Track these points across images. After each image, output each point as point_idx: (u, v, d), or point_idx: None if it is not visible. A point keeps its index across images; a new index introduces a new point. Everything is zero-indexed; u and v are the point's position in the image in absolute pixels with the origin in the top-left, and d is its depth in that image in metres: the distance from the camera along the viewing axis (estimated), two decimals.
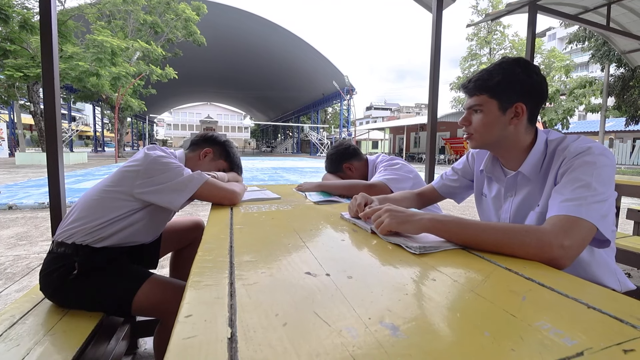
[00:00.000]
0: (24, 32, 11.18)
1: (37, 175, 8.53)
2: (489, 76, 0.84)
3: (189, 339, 0.35)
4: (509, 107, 0.83)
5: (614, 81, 13.68)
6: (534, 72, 0.82)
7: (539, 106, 0.85)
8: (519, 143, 0.86)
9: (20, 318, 0.96)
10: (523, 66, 0.82)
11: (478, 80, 0.85)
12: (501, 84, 0.82)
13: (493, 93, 0.83)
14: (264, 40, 23.88)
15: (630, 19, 3.88)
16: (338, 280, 0.52)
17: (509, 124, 0.83)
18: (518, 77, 0.82)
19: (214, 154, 1.33)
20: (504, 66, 0.83)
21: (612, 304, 0.46)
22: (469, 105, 0.88)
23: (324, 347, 0.35)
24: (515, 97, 0.82)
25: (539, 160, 0.84)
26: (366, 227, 0.81)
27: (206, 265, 0.58)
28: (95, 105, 25.42)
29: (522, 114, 0.83)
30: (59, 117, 1.47)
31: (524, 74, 0.81)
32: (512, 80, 0.82)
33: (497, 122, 0.84)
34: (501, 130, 0.85)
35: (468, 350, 0.35)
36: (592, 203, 0.67)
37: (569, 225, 0.65)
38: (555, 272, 0.58)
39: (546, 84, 0.84)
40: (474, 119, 0.87)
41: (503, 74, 0.82)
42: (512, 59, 0.84)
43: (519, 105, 0.82)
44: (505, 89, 0.82)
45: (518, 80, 0.82)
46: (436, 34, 2.12)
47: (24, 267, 2.47)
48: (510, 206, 0.91)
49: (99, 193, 1.06)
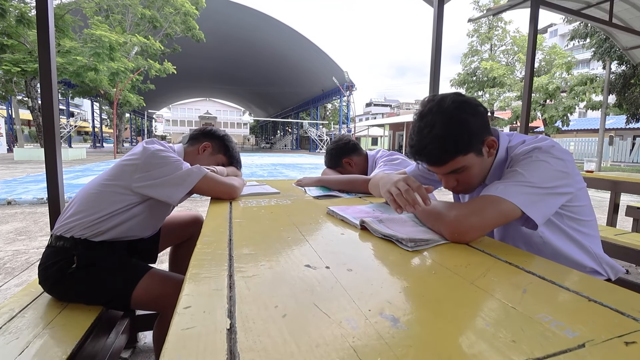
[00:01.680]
0: (21, 26, 11.07)
1: (36, 171, 8.50)
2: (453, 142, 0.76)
3: (187, 330, 0.35)
4: (482, 147, 0.81)
5: (615, 78, 13.63)
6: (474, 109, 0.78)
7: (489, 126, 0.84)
8: (490, 162, 0.87)
9: (19, 312, 0.95)
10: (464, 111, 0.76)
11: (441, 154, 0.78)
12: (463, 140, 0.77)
13: (466, 150, 0.78)
14: (264, 36, 23.72)
15: (634, 14, 3.86)
16: (338, 273, 0.52)
17: (486, 158, 0.84)
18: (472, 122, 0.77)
19: (213, 149, 1.32)
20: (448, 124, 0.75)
21: (613, 297, 0.46)
22: (447, 172, 0.82)
23: (324, 338, 0.34)
24: (482, 137, 0.80)
25: (501, 168, 0.86)
26: (355, 222, 0.80)
27: (205, 258, 0.57)
28: (94, 101, 25.26)
29: (495, 143, 0.83)
30: (56, 111, 1.46)
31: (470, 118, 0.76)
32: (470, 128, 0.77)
33: (481, 166, 0.83)
34: (485, 169, 0.86)
35: (469, 342, 0.34)
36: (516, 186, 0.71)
37: (482, 205, 0.70)
38: (556, 266, 0.57)
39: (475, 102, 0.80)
40: (459, 178, 0.84)
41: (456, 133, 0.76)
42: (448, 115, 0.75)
43: (488, 139, 0.81)
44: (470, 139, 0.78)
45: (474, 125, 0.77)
46: (437, 29, 2.10)
47: (23, 261, 2.47)
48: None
49: (97, 187, 1.06)
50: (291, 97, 35.43)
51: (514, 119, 16.76)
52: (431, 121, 0.75)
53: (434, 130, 0.75)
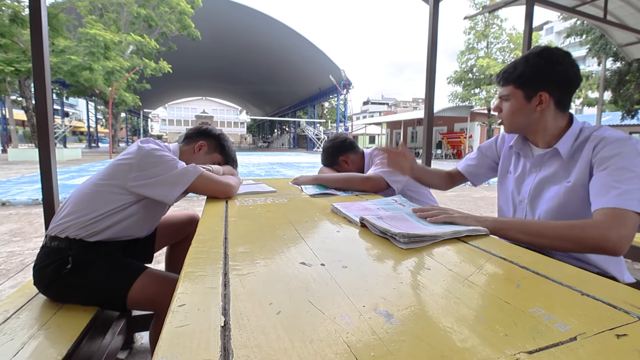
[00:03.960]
0: (15, 25, 10.95)
1: (30, 172, 8.43)
2: (514, 69, 0.92)
3: (181, 328, 0.35)
4: (533, 96, 0.89)
5: (611, 75, 13.70)
6: (556, 62, 0.86)
7: (568, 93, 0.89)
8: (548, 128, 0.92)
9: (14, 313, 0.95)
10: (546, 57, 0.87)
11: (505, 73, 0.94)
12: (523, 76, 0.89)
13: (518, 84, 0.91)
14: (260, 34, 23.62)
15: (628, 11, 3.88)
16: (333, 270, 0.52)
17: (534, 111, 0.90)
18: (540, 68, 0.88)
19: (209, 147, 1.32)
20: (528, 58, 0.90)
21: (605, 291, 0.46)
22: (500, 95, 0.97)
23: (318, 334, 0.34)
24: (538, 87, 0.88)
25: (572, 141, 0.89)
26: (356, 219, 0.81)
27: (200, 256, 0.57)
28: (89, 101, 25.06)
29: (547, 102, 0.88)
30: (50, 111, 1.44)
31: (546, 65, 0.87)
32: (533, 71, 0.88)
33: (522, 110, 0.92)
34: (527, 117, 0.92)
35: (461, 336, 0.35)
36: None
37: (622, 217, 0.70)
38: (550, 261, 0.58)
39: (574, 70, 0.87)
40: (504, 106, 0.96)
41: (525, 65, 0.89)
42: (537, 51, 0.89)
43: (543, 94, 0.88)
44: (528, 80, 0.89)
45: (540, 71, 0.88)
46: (433, 27, 2.10)
47: (18, 263, 2.45)
48: (532, 180, 0.97)
49: (92, 187, 1.05)
50: (288, 96, 35.34)
51: None
52: (531, 54, 0.90)
53: (517, 60, 0.92)
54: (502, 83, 0.95)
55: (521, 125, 0.95)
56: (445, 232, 0.69)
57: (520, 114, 0.92)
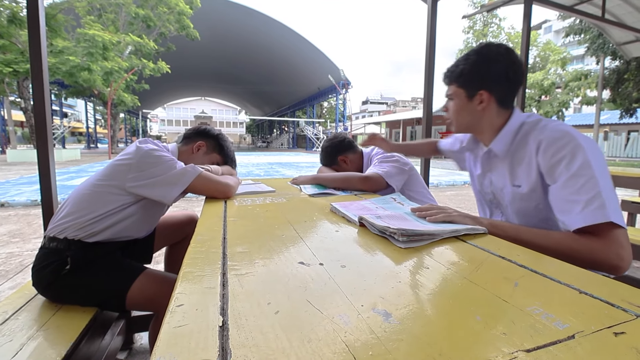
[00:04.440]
0: (13, 26, 10.92)
1: (29, 173, 8.42)
2: (455, 67, 0.91)
3: (179, 328, 0.35)
4: (474, 95, 0.88)
5: (609, 74, 13.72)
6: (497, 60, 0.84)
7: (509, 90, 0.87)
8: (492, 125, 0.90)
9: (13, 314, 0.95)
10: (484, 54, 0.86)
11: (448, 72, 0.93)
12: (463, 74, 0.88)
13: (459, 83, 0.90)
14: (259, 34, 23.59)
15: (626, 10, 3.89)
16: (331, 270, 0.52)
17: (477, 110, 0.89)
18: (478, 66, 0.86)
19: (207, 147, 1.32)
20: (468, 56, 0.88)
21: (603, 289, 0.46)
22: (446, 94, 0.96)
23: (316, 333, 0.34)
24: (478, 85, 0.87)
25: (509, 139, 0.87)
26: (354, 218, 0.81)
27: (199, 256, 0.57)
28: (87, 101, 25.01)
29: (488, 100, 0.87)
30: (48, 112, 1.44)
31: (484, 63, 0.85)
32: (473, 69, 0.87)
33: (466, 109, 0.91)
34: (471, 116, 0.91)
35: (460, 335, 0.35)
36: (609, 200, 0.68)
37: (608, 236, 0.67)
38: (548, 260, 0.58)
39: (513, 68, 0.84)
40: (449, 106, 0.96)
41: (465, 64, 0.88)
42: (477, 48, 0.88)
43: (483, 93, 0.86)
44: (468, 79, 0.88)
45: (479, 70, 0.86)
46: (431, 26, 2.10)
47: (17, 264, 2.45)
48: (490, 182, 0.97)
49: (90, 187, 1.05)
50: (287, 96, 35.31)
51: None
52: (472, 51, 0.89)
53: (459, 57, 0.91)
54: (446, 82, 0.94)
55: (466, 124, 0.94)
56: (443, 231, 0.69)
57: (464, 113, 0.91)
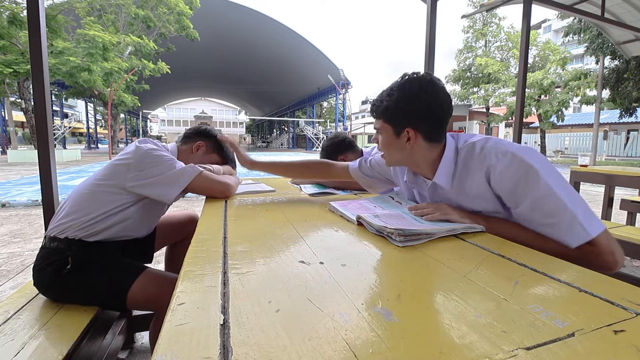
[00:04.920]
0: (13, 27, 10.93)
1: (30, 173, 8.42)
2: (380, 102, 0.84)
3: (180, 326, 0.35)
4: (401, 132, 0.83)
5: (609, 73, 13.71)
6: (416, 96, 0.79)
7: (434, 126, 0.82)
8: (426, 159, 0.85)
9: (14, 313, 0.95)
10: (407, 90, 0.80)
11: (373, 105, 0.87)
12: (388, 111, 0.83)
13: (385, 118, 0.85)
14: (259, 34, 23.60)
15: (625, 9, 3.88)
16: (332, 268, 0.52)
17: (405, 146, 0.84)
18: (401, 103, 0.81)
19: (207, 148, 1.32)
20: (392, 91, 0.82)
21: (603, 287, 0.46)
22: (374, 127, 0.90)
23: (317, 331, 0.34)
24: (403, 123, 0.82)
25: (450, 170, 0.83)
26: (352, 218, 0.81)
27: (199, 255, 0.57)
28: (88, 102, 25.04)
29: (415, 138, 0.82)
30: (49, 112, 1.44)
31: (406, 100, 0.80)
32: (396, 106, 0.81)
33: (394, 145, 0.85)
34: (400, 152, 0.86)
35: (459, 333, 0.35)
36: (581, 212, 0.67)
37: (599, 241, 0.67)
38: (548, 258, 0.58)
39: (438, 102, 0.79)
40: (379, 139, 0.89)
41: (389, 100, 0.82)
42: (399, 83, 0.82)
43: (409, 130, 0.82)
44: (392, 115, 0.83)
45: (402, 107, 0.81)
46: (431, 26, 2.10)
47: (18, 264, 2.45)
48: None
49: (90, 187, 1.05)
50: (287, 96, 35.32)
51: (509, 115, 16.84)
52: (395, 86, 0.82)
53: (385, 91, 0.84)
54: (374, 115, 0.88)
55: (398, 160, 0.89)
56: (440, 230, 0.69)
57: (393, 149, 0.86)
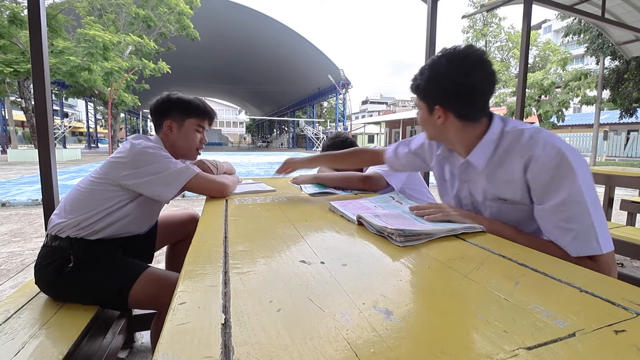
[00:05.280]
0: (13, 27, 10.93)
1: (30, 172, 8.42)
2: (414, 81, 0.85)
3: (182, 325, 0.35)
4: (432, 109, 0.83)
5: (609, 74, 13.70)
6: (443, 75, 0.77)
7: (465, 105, 0.79)
8: (462, 137, 0.83)
9: (15, 312, 0.95)
10: (435, 69, 0.78)
11: (411, 82, 0.87)
12: (420, 89, 0.84)
13: (419, 96, 0.86)
14: (259, 34, 23.60)
15: (626, 9, 3.88)
16: (333, 268, 0.52)
17: (437, 124, 0.83)
18: (430, 82, 0.80)
19: (177, 120, 1.17)
20: (423, 70, 0.82)
21: (604, 288, 0.46)
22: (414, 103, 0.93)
23: (318, 331, 0.35)
24: (434, 100, 0.82)
25: (489, 152, 0.80)
26: (353, 218, 0.81)
27: (200, 255, 0.57)
28: (88, 101, 25.04)
29: (445, 116, 0.80)
30: (49, 112, 1.44)
31: (434, 78, 0.79)
32: (428, 85, 0.81)
33: (429, 122, 0.87)
34: (434, 129, 0.87)
35: (460, 333, 0.35)
36: (600, 228, 0.67)
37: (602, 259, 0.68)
38: (549, 258, 0.58)
39: (469, 81, 0.76)
40: (418, 115, 0.92)
41: (420, 79, 0.82)
42: (430, 62, 0.80)
43: (439, 109, 0.81)
44: (426, 92, 0.83)
45: (433, 85, 0.80)
46: (431, 26, 2.10)
47: (18, 263, 2.45)
48: (467, 193, 0.91)
49: (88, 185, 1.05)
50: (287, 96, 35.32)
51: (510, 115, 16.83)
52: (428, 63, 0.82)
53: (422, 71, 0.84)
54: (413, 92, 0.89)
55: (434, 134, 0.90)
56: (441, 230, 0.69)
57: (428, 126, 0.88)
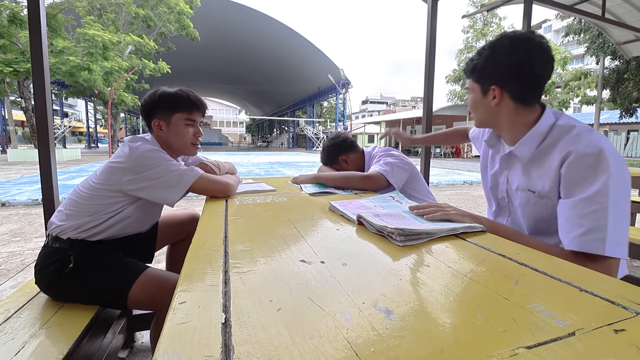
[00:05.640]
0: (13, 26, 10.94)
1: (30, 172, 8.43)
2: (470, 61, 0.88)
3: (182, 325, 0.35)
4: (488, 90, 0.84)
5: (609, 73, 13.70)
6: (505, 53, 0.79)
7: (526, 85, 0.80)
8: (514, 123, 0.85)
9: (15, 312, 0.95)
10: (497, 48, 0.81)
11: (465, 65, 0.91)
12: (477, 68, 0.85)
13: (474, 77, 0.87)
14: (259, 34, 23.61)
15: (626, 9, 3.88)
16: (333, 268, 0.52)
17: (491, 105, 0.85)
18: (490, 60, 0.82)
19: (164, 118, 1.12)
20: (482, 50, 0.84)
21: (604, 287, 0.46)
22: (466, 87, 0.94)
23: (318, 330, 0.35)
24: (490, 81, 0.83)
25: (536, 143, 0.81)
26: (353, 217, 0.81)
27: (200, 254, 0.57)
28: (88, 101, 25.06)
29: (501, 96, 0.82)
30: (49, 112, 1.44)
31: (495, 57, 0.81)
32: (486, 64, 0.83)
33: (481, 104, 0.88)
34: (486, 112, 0.88)
35: (460, 332, 0.35)
36: (614, 232, 0.67)
37: (605, 264, 0.68)
38: (549, 258, 0.58)
39: (531, 61, 0.77)
40: (469, 100, 0.93)
41: (478, 58, 0.85)
42: (491, 42, 0.83)
43: (495, 89, 0.82)
44: (481, 74, 0.85)
45: (491, 64, 0.82)
46: (431, 25, 2.10)
47: (18, 263, 2.46)
48: (505, 180, 0.93)
49: (89, 190, 1.04)
50: (287, 95, 35.32)
51: None
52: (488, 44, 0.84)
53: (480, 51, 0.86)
54: (466, 75, 0.91)
55: (485, 119, 0.90)
56: (441, 229, 0.69)
57: (480, 109, 0.88)
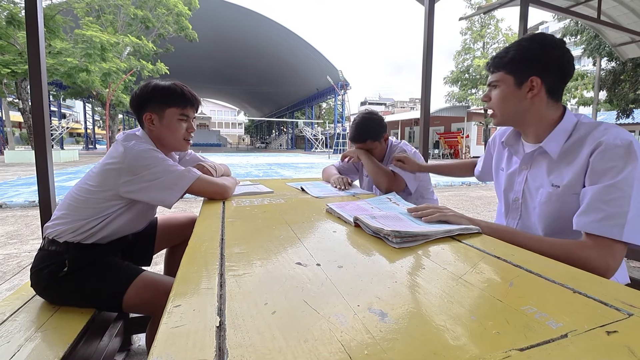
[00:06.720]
0: (11, 27, 10.91)
1: (27, 174, 8.39)
2: (505, 54, 0.87)
3: (177, 328, 0.35)
4: (524, 81, 0.84)
5: (606, 75, 13.77)
6: (551, 47, 0.81)
7: (561, 80, 0.84)
8: (541, 118, 0.86)
9: (10, 315, 0.94)
10: (539, 41, 0.83)
11: (496, 58, 0.89)
12: (515, 60, 0.85)
13: (508, 69, 0.86)
14: (257, 35, 23.63)
15: (621, 11, 3.91)
16: (328, 270, 0.52)
17: (525, 97, 0.85)
18: (532, 52, 0.83)
19: (157, 112, 1.10)
20: (521, 42, 0.86)
21: (597, 289, 0.47)
22: (489, 82, 0.92)
23: (312, 333, 0.35)
24: (529, 71, 0.83)
25: (563, 139, 0.82)
26: (350, 219, 0.81)
27: (196, 257, 0.57)
28: (86, 102, 25.00)
29: (538, 88, 0.83)
30: (47, 113, 1.44)
31: (540, 49, 0.82)
32: (526, 55, 0.84)
33: (513, 97, 0.86)
34: (517, 105, 0.87)
35: (454, 334, 0.35)
36: (634, 220, 0.67)
37: (610, 248, 0.68)
38: (544, 260, 0.58)
39: (567, 57, 0.82)
40: (493, 94, 0.91)
41: (517, 50, 0.85)
42: (530, 36, 0.85)
43: (534, 79, 0.83)
44: (519, 64, 0.85)
45: (533, 55, 0.83)
46: (428, 27, 2.11)
47: (14, 265, 2.44)
48: (523, 179, 0.93)
49: (85, 193, 1.02)
50: (286, 97, 35.35)
51: None
52: (523, 39, 0.86)
53: (510, 45, 0.88)
54: (492, 69, 0.91)
55: (511, 113, 0.89)
56: (437, 231, 0.69)
57: (510, 101, 0.87)
